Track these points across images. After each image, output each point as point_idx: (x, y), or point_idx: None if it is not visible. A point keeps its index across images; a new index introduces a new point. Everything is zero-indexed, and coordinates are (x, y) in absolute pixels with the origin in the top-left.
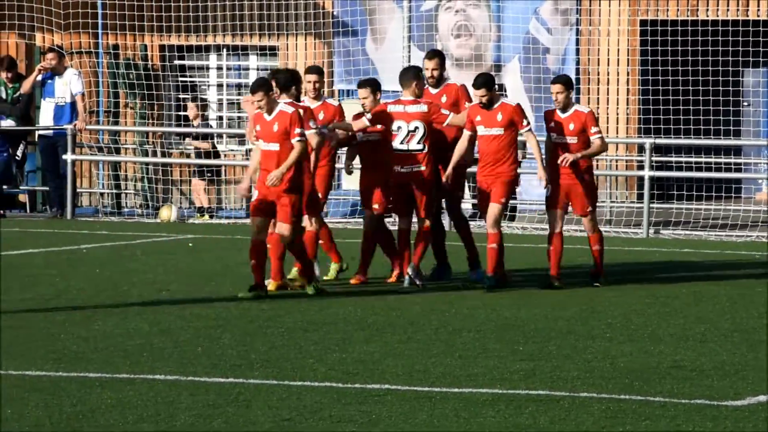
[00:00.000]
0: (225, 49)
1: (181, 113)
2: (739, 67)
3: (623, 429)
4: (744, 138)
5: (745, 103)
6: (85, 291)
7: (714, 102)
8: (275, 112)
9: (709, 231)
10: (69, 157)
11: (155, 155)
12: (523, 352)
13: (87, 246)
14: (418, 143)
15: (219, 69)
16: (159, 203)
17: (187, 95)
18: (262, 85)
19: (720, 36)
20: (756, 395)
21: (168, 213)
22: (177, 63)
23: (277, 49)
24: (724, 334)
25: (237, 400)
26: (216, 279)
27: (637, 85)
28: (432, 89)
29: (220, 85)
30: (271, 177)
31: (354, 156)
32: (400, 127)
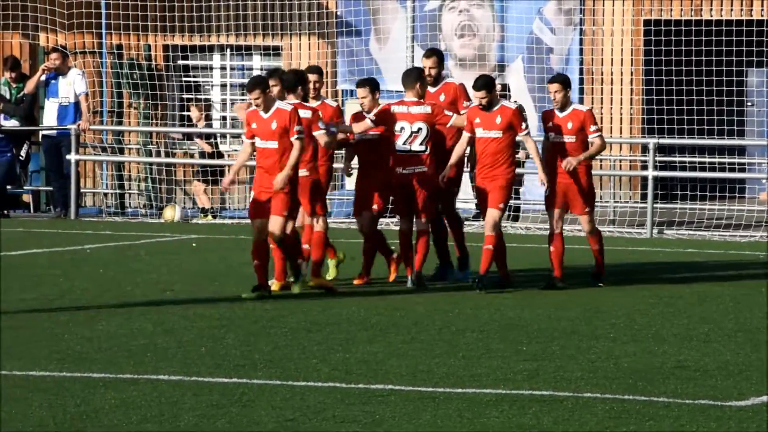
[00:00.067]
0: (228, 49)
1: (185, 113)
2: (743, 67)
3: (627, 429)
4: (748, 138)
5: (749, 103)
6: (89, 291)
7: (718, 102)
8: (272, 109)
9: (713, 231)
10: (73, 157)
11: (159, 155)
12: (527, 352)
13: (91, 246)
14: (420, 144)
15: (222, 69)
16: (163, 203)
17: (191, 95)
18: (259, 83)
19: (724, 36)
20: (760, 395)
21: (172, 213)
22: (180, 63)
23: (281, 49)
24: (727, 334)
25: (240, 400)
26: (219, 279)
27: (641, 85)
28: (430, 88)
29: (223, 85)
30: (278, 182)
31: (352, 157)
32: (403, 128)
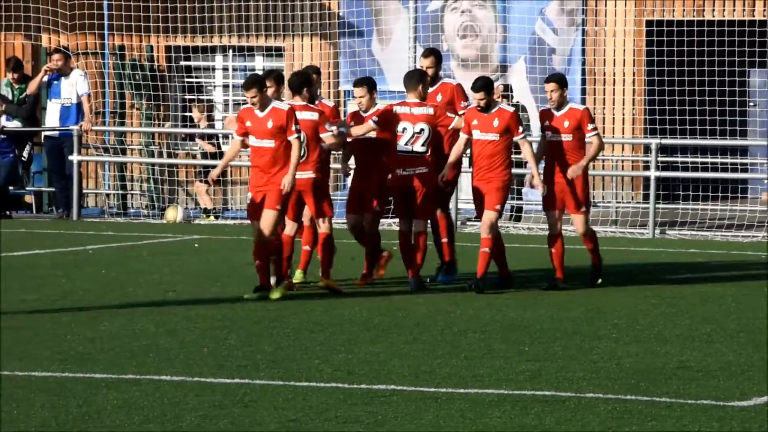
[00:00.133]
0: (231, 50)
1: (188, 114)
2: (745, 68)
3: (629, 429)
4: (750, 138)
5: (751, 104)
6: (91, 292)
7: (720, 102)
8: (268, 108)
9: (715, 231)
10: (75, 158)
11: (161, 156)
12: (529, 352)
13: (93, 247)
14: (422, 146)
15: (225, 70)
16: (165, 204)
17: (193, 96)
18: (255, 82)
19: (726, 36)
20: (762, 396)
21: (174, 214)
22: (183, 64)
23: (283, 50)
24: (730, 334)
25: (243, 400)
26: (222, 280)
27: (643, 86)
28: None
29: (226, 86)
30: (284, 184)
31: (350, 156)
32: (405, 129)
